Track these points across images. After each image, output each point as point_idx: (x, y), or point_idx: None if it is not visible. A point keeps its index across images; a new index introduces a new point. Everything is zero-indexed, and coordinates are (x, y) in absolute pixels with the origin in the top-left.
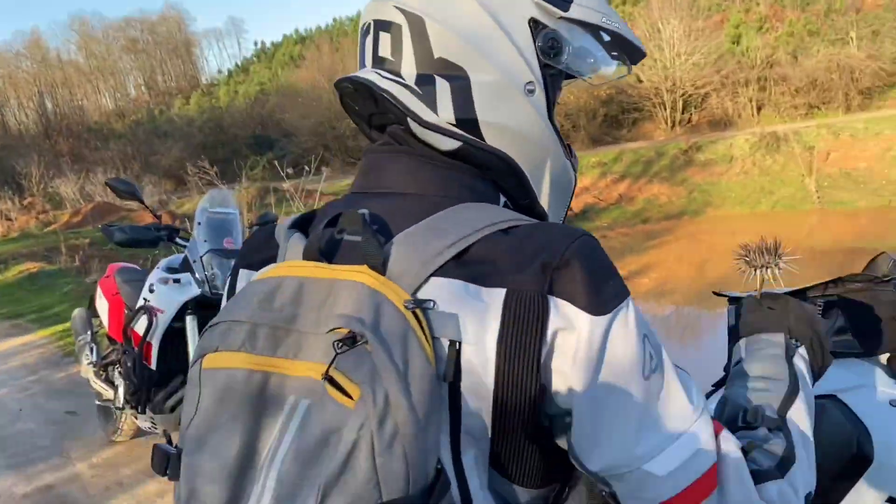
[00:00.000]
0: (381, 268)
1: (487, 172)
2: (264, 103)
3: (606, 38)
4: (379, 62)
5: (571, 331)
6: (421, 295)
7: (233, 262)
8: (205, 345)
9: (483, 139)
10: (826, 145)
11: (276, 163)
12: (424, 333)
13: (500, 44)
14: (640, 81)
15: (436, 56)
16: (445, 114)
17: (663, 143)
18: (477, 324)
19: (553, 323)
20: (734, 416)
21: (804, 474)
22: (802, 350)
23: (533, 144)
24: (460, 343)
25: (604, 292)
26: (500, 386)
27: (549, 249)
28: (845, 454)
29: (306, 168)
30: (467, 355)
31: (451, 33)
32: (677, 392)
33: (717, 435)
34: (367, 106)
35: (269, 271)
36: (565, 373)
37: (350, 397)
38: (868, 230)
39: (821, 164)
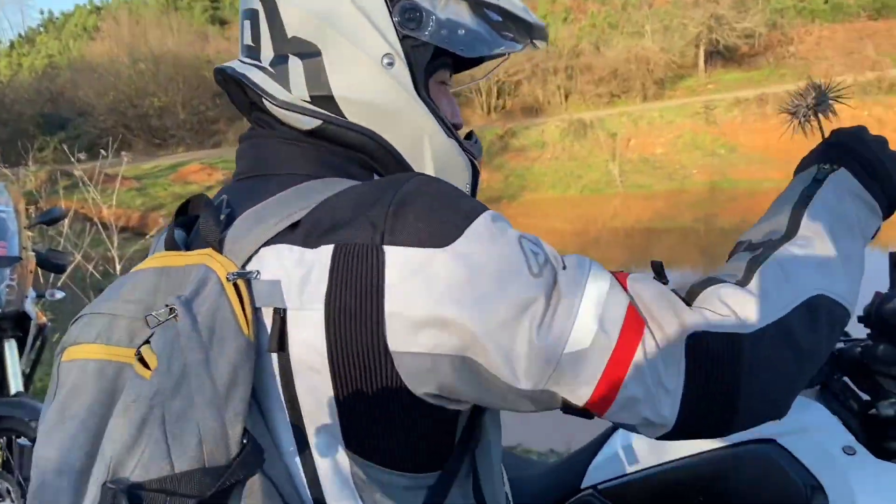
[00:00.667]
0: (217, 246)
1: (357, 151)
2: (54, 78)
3: (494, 16)
4: (246, 50)
5: (422, 274)
6: (250, 266)
7: (7, 272)
8: (66, 338)
9: (344, 116)
10: (627, 132)
11: (66, 146)
12: (242, 303)
13: (352, 19)
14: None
15: (289, 36)
16: (298, 91)
17: (481, 128)
18: (301, 287)
19: (394, 274)
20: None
21: (780, 275)
22: (842, 172)
23: (399, 120)
24: (284, 310)
25: (448, 220)
26: (335, 353)
27: (381, 198)
28: None
29: (103, 151)
30: (295, 322)
31: (303, 12)
32: (574, 271)
33: (622, 283)
34: (239, 95)
35: (140, 265)
36: (435, 318)
37: (149, 368)
38: (664, 212)
39: (623, 150)
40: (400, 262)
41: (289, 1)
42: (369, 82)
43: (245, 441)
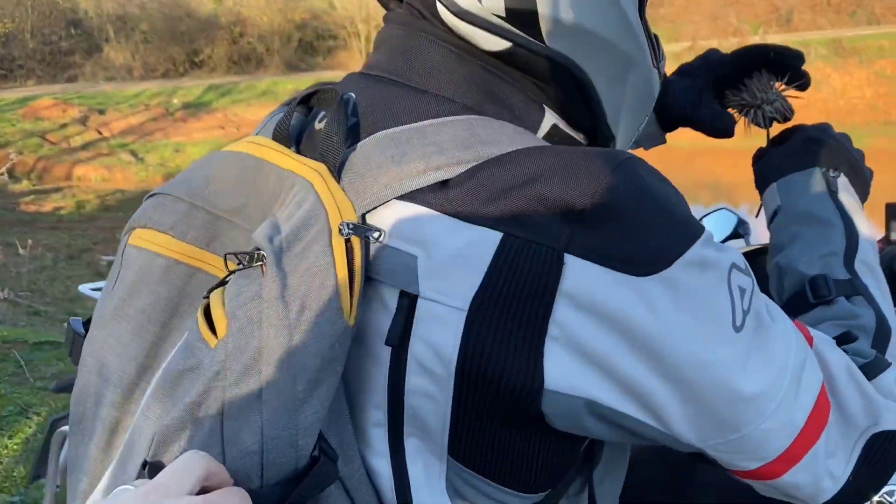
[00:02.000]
0: (335, 171)
1: (541, 80)
2: None
3: None
4: None
5: (604, 309)
6: (373, 220)
7: None
8: (136, 216)
9: (542, 40)
10: None
11: None
12: (352, 274)
13: None
14: (334, 8)
15: None
16: (492, 1)
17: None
18: (443, 272)
19: (568, 296)
20: (800, 292)
21: None
22: (843, 179)
23: (613, 52)
24: (416, 296)
25: (652, 242)
26: (468, 368)
27: (573, 182)
28: None
29: None
30: (424, 314)
31: None
32: (775, 323)
33: (810, 342)
34: None
35: (233, 145)
36: (608, 362)
37: (214, 334)
38: None
39: None
40: (584, 277)
41: None
42: (588, 2)
43: (316, 454)
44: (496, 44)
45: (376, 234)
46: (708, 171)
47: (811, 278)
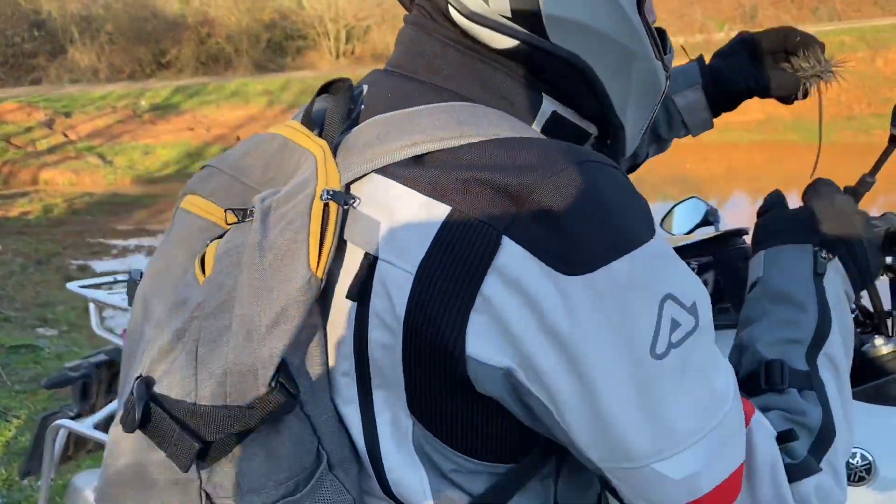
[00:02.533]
0: (332, 146)
1: (544, 75)
2: None
3: None
4: None
5: (525, 293)
6: (354, 190)
7: None
8: (189, 184)
9: (546, 37)
10: None
11: None
12: (324, 232)
13: None
14: (303, 7)
15: None
16: (499, 3)
17: (329, 73)
18: (401, 240)
19: (499, 274)
20: (754, 373)
21: (845, 445)
22: (836, 263)
23: (615, 47)
24: (376, 258)
25: (588, 243)
26: (411, 327)
27: (528, 172)
28: None
29: None
30: (383, 274)
31: None
32: (706, 373)
33: (748, 421)
34: None
35: (272, 128)
36: (520, 340)
37: (204, 273)
38: None
39: None
40: (515, 264)
41: None
42: (592, 1)
43: (274, 385)
44: (504, 42)
45: (353, 201)
46: (677, 166)
47: (768, 362)
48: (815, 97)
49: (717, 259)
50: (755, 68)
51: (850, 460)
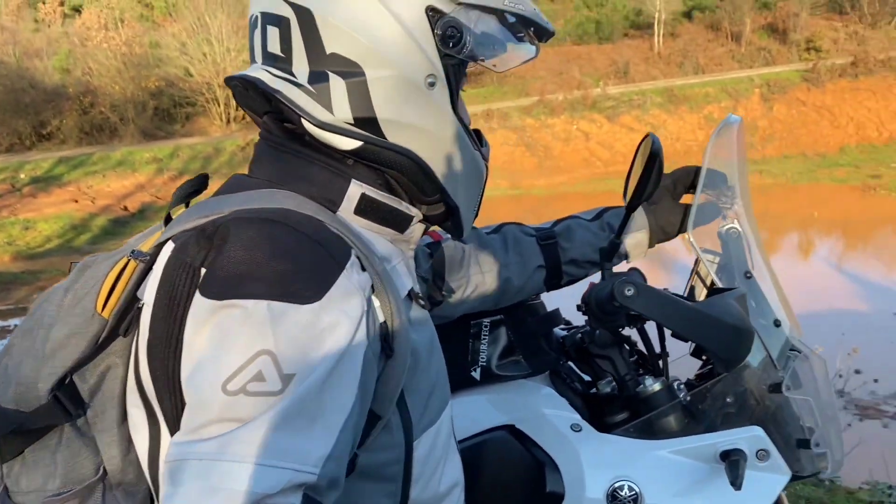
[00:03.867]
0: (164, 223)
1: (389, 168)
2: None
3: (511, 19)
4: (269, 59)
5: (193, 307)
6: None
7: None
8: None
9: (384, 137)
10: None
11: None
12: (117, 281)
13: (395, 37)
14: (191, 75)
15: (328, 52)
16: (342, 113)
17: (220, 139)
18: (150, 280)
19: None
20: None
21: None
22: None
23: (438, 139)
24: (143, 303)
25: (232, 277)
26: (151, 352)
27: (224, 231)
28: (533, 491)
29: None
30: (142, 312)
31: (343, 27)
32: (251, 434)
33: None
34: (260, 104)
35: None
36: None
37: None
38: None
39: None
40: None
41: (329, 14)
42: (415, 105)
43: (50, 399)
44: (350, 144)
45: (145, 257)
46: (562, 214)
47: None
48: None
49: (508, 316)
50: (681, 212)
51: (619, 492)
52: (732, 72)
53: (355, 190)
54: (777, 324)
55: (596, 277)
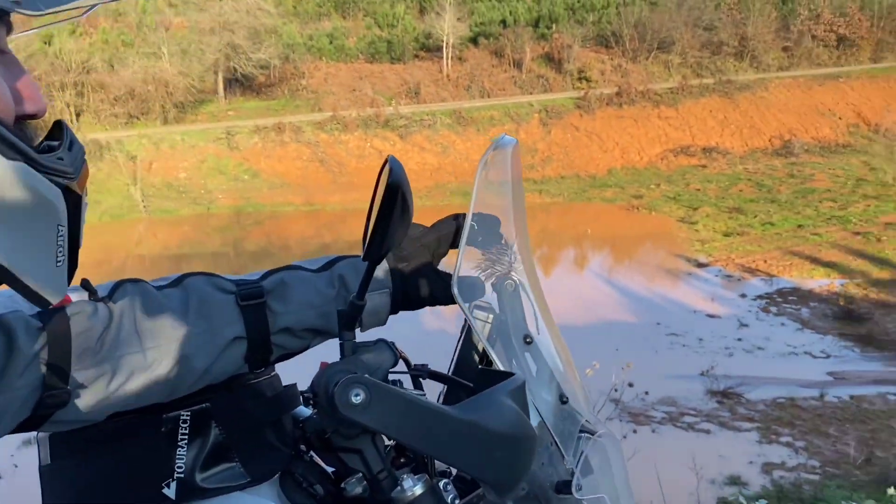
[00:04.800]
0: None
1: None
2: None
3: None
4: None
5: None
6: None
7: None
8: None
9: None
10: (148, 155)
11: None
12: None
13: None
14: None
15: None
16: None
17: None
18: None
19: None
20: None
21: None
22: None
23: None
24: None
25: None
26: None
27: None
28: None
29: None
30: None
31: None
32: None
33: None
34: None
35: None
36: None
37: None
38: (191, 236)
39: (145, 173)
40: None
41: None
42: None
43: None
44: None
45: None
46: (357, 231)
47: None
48: None
49: (217, 403)
50: (439, 277)
51: None
52: (515, 97)
53: None
54: (564, 400)
55: (333, 352)
